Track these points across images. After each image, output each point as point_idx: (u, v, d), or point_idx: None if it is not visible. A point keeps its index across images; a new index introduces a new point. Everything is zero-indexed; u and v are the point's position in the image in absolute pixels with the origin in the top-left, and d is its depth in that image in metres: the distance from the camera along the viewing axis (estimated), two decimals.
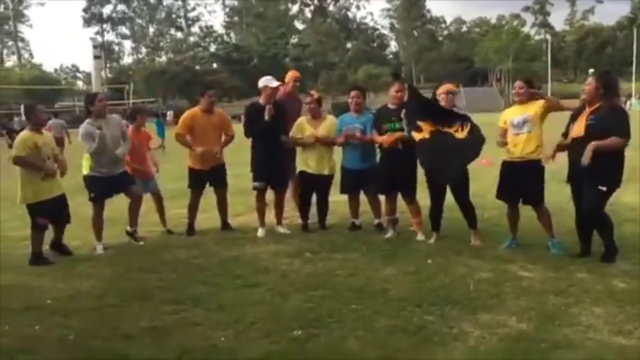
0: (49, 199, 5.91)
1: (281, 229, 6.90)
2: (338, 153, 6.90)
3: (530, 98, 5.70)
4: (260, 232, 6.81)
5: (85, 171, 6.29)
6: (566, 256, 5.48)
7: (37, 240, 5.94)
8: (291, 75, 7.46)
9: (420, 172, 6.24)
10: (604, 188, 5.11)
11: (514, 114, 5.79)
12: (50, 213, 5.95)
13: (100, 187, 6.26)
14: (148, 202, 7.11)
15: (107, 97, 6.84)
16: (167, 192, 7.34)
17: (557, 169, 5.85)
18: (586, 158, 4.99)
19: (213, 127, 6.94)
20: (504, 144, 5.83)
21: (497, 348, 3.58)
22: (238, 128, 6.91)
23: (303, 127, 6.83)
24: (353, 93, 6.75)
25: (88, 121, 6.24)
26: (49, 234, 6.19)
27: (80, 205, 6.79)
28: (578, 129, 5.21)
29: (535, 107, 5.66)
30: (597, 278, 4.79)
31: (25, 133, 5.92)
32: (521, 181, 5.67)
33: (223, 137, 7.11)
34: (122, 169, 6.46)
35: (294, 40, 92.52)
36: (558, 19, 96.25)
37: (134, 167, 6.75)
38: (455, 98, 6.18)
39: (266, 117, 6.52)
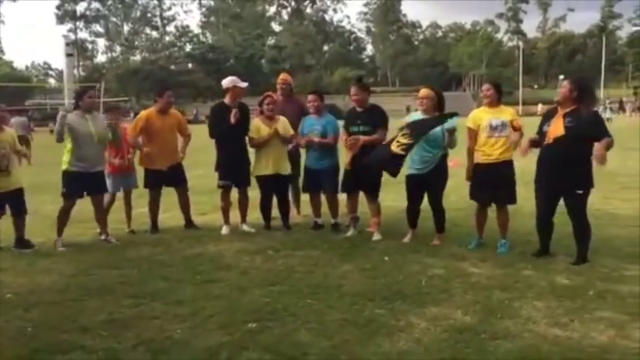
0: (4, 192, 6.19)
1: (245, 228, 7.03)
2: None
3: (499, 103, 5.92)
4: (224, 230, 6.93)
5: (65, 166, 6.38)
6: (516, 254, 5.71)
7: None
8: (280, 78, 7.65)
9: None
10: (581, 191, 5.35)
11: (491, 116, 5.86)
12: (4, 204, 6.25)
13: (74, 184, 6.36)
14: (118, 199, 7.20)
15: (97, 94, 7.08)
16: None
17: (517, 171, 6.04)
18: (601, 159, 5.09)
19: (169, 127, 7.05)
20: (472, 151, 5.96)
21: (441, 338, 3.77)
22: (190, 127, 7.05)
23: (258, 127, 6.94)
24: (310, 97, 6.95)
25: (75, 112, 6.41)
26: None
27: (44, 203, 6.84)
28: (557, 129, 5.33)
29: (509, 113, 5.89)
30: (542, 275, 5.03)
31: None
32: (496, 182, 5.81)
33: (180, 139, 7.22)
34: (101, 167, 6.56)
35: (270, 41, 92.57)
36: (531, 26, 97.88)
37: (113, 163, 6.88)
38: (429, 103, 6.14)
39: (232, 120, 6.66)
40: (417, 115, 6.31)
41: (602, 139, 5.18)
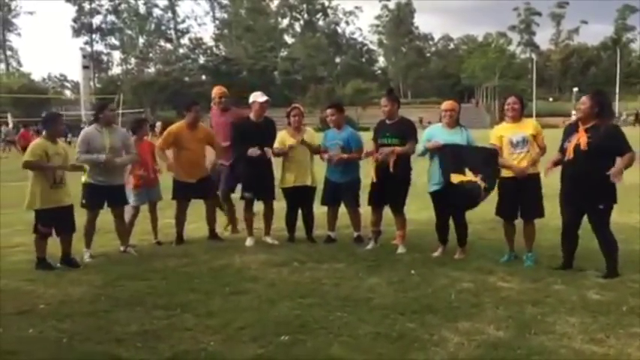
0: (56, 208, 5.96)
1: (269, 240, 7.05)
2: (320, 166, 7.08)
3: (522, 116, 5.93)
4: (249, 242, 6.96)
5: (84, 178, 6.41)
6: (544, 268, 5.68)
7: (41, 246, 6.01)
8: (214, 91, 7.78)
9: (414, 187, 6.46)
10: (602, 206, 5.34)
11: (511, 132, 5.87)
12: (55, 222, 6.00)
13: (93, 196, 6.39)
14: (143, 211, 7.25)
15: (116, 107, 7.09)
16: None
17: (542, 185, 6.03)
18: (617, 176, 5.15)
19: (198, 141, 7.10)
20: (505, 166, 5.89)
21: (475, 354, 3.75)
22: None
23: (284, 139, 6.99)
24: (329, 111, 7.00)
25: (94, 125, 6.43)
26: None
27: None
28: (580, 144, 5.34)
29: (531, 126, 5.89)
30: (573, 289, 4.99)
31: (38, 141, 6.08)
32: (522, 196, 5.82)
33: (211, 152, 7.25)
34: (121, 181, 6.58)
35: (283, 53, 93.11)
36: (544, 38, 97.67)
37: (139, 175, 6.90)
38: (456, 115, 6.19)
39: (253, 154, 6.71)
40: (436, 127, 6.31)
41: (624, 154, 5.23)
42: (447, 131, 6.13)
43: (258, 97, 7.00)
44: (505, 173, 5.89)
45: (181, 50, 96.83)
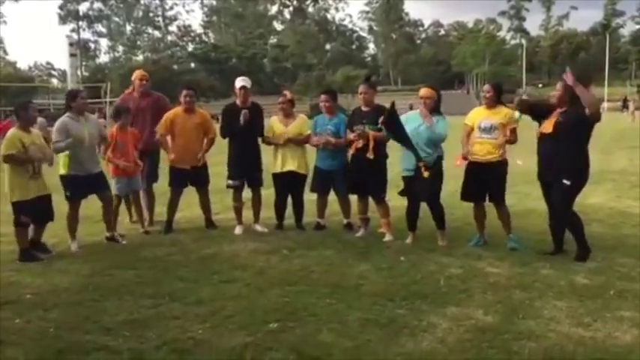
0: (34, 198, 5.90)
1: (258, 227, 7.02)
2: (311, 153, 7.05)
3: (497, 104, 6.00)
4: (237, 230, 6.93)
5: (63, 170, 6.30)
6: (532, 253, 5.71)
7: (22, 237, 5.94)
8: (135, 74, 7.72)
9: (393, 174, 6.44)
10: (568, 182, 5.38)
11: (482, 117, 6.03)
12: (33, 212, 5.93)
13: (75, 186, 6.29)
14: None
15: (87, 95, 6.82)
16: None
17: (526, 171, 6.07)
18: (570, 79, 5.34)
19: (194, 126, 6.99)
20: (466, 154, 6.10)
21: (464, 338, 3.77)
22: (216, 128, 7.04)
23: (272, 126, 6.96)
24: (323, 97, 6.94)
25: (67, 114, 6.29)
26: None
27: (57, 204, 6.76)
28: (548, 126, 5.53)
29: (503, 115, 5.92)
30: (561, 274, 5.02)
31: (12, 132, 5.92)
32: (486, 180, 5.96)
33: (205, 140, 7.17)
34: (99, 169, 6.50)
35: (272, 40, 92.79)
36: (534, 24, 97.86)
37: (119, 165, 6.79)
38: (432, 103, 6.10)
39: (241, 121, 6.67)
40: (413, 114, 6.26)
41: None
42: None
43: (239, 82, 6.93)
44: (471, 158, 6.04)
45: (170, 38, 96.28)
